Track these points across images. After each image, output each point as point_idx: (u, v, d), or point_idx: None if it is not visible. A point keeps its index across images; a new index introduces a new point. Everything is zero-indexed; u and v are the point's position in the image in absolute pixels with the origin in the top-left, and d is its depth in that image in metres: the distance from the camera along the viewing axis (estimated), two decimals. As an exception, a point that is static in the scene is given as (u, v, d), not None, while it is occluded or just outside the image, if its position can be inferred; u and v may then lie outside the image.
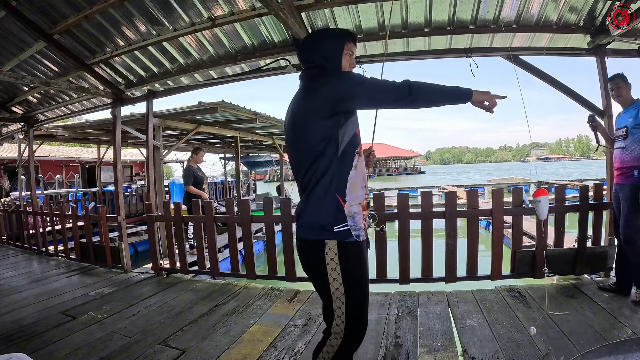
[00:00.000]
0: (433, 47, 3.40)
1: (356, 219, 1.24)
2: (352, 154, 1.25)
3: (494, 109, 1.29)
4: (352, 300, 1.24)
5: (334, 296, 1.25)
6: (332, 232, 1.22)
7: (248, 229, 3.38)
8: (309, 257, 1.30)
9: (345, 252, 1.23)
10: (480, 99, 1.26)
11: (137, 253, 7.43)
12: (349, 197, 1.23)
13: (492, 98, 1.27)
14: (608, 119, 3.08)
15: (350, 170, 1.24)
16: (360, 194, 1.25)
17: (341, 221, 1.22)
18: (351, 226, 1.23)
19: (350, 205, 1.23)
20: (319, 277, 1.27)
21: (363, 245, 1.29)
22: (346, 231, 1.22)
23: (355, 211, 1.24)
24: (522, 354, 1.90)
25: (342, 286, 1.23)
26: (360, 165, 1.26)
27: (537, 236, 3.01)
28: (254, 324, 2.50)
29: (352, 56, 1.37)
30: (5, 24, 3.29)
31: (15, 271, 4.25)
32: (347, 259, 1.23)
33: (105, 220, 4.20)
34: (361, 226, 1.25)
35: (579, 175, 23.07)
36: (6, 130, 6.80)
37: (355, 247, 1.25)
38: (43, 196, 9.50)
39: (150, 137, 4.47)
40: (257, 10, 2.93)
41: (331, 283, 1.24)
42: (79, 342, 2.30)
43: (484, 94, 1.26)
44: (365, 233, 1.30)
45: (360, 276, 1.28)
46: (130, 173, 17.05)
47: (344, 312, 1.24)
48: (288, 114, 1.35)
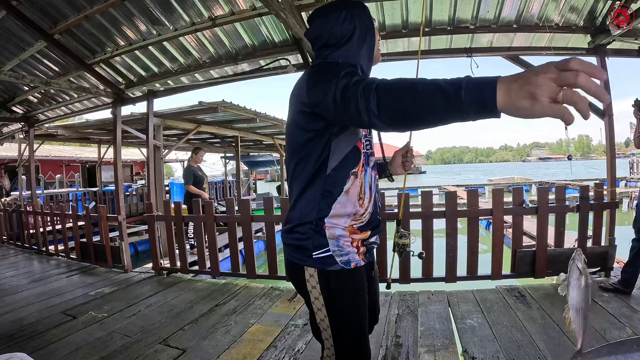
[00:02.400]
0: (433, 47, 3.40)
1: (340, 242, 0.98)
2: (345, 174, 0.98)
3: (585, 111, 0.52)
4: (340, 335, 1.01)
5: (321, 327, 1.04)
6: (311, 258, 0.98)
7: (248, 229, 3.38)
8: (292, 279, 1.09)
9: (327, 282, 0.99)
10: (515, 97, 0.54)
11: (137, 253, 7.43)
12: (329, 222, 0.98)
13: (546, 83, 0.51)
14: (608, 119, 3.08)
15: (338, 196, 0.98)
16: (344, 221, 0.99)
17: (321, 245, 0.97)
18: (334, 251, 0.97)
19: (333, 228, 0.98)
20: (306, 300, 1.06)
21: (355, 274, 1.01)
22: (328, 257, 0.97)
23: (340, 234, 0.98)
24: (522, 354, 1.90)
25: (327, 319, 1.01)
26: (353, 189, 0.99)
27: (537, 236, 3.00)
28: (254, 323, 2.50)
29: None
30: (6, 24, 3.29)
31: (16, 271, 4.25)
32: (332, 292, 0.99)
33: (105, 220, 4.20)
34: (349, 250, 0.99)
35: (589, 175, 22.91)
36: (6, 130, 6.80)
37: (342, 277, 0.99)
38: (43, 196, 9.51)
39: (151, 137, 4.47)
40: (257, 10, 2.93)
41: (316, 313, 1.03)
42: (80, 342, 2.30)
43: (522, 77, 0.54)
44: (365, 258, 1.04)
45: (349, 312, 1.01)
46: (131, 173, 17.06)
47: (332, 345, 1.03)
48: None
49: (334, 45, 1.02)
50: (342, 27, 1.01)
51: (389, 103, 0.70)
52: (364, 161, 1.02)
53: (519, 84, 0.54)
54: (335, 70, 0.85)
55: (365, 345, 1.05)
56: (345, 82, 0.79)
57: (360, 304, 1.03)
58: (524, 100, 0.53)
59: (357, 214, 1.01)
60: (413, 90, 0.66)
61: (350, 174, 0.99)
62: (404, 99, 0.67)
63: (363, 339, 1.04)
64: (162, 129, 5.74)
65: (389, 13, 2.98)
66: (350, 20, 1.01)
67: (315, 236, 0.98)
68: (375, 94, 0.71)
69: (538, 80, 0.52)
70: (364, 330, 1.05)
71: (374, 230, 1.08)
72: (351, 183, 0.99)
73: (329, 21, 1.02)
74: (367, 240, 1.06)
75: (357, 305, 1.03)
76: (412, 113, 0.68)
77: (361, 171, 1.02)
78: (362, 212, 1.02)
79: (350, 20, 1.01)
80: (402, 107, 0.68)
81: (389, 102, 0.70)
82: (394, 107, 0.70)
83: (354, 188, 1.00)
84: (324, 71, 0.91)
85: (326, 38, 1.03)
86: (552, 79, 0.51)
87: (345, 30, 1.01)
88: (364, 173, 1.03)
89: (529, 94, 0.53)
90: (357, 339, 1.03)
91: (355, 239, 1.02)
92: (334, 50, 1.02)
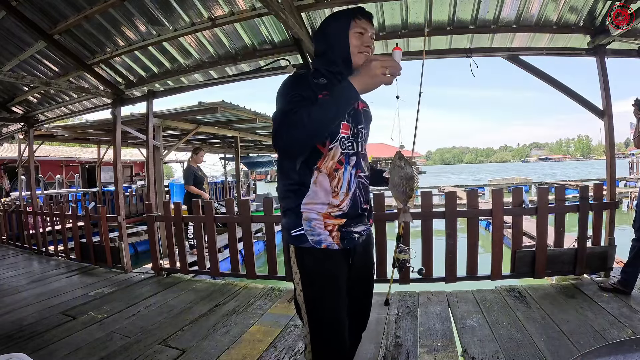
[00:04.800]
0: (433, 47, 3.40)
1: (312, 223, 1.12)
2: (309, 170, 1.12)
3: (395, 72, 0.95)
4: (313, 312, 1.14)
5: (299, 301, 1.18)
6: (290, 236, 1.15)
7: (248, 229, 3.38)
8: (286, 258, 1.25)
9: (302, 258, 1.14)
10: (369, 82, 0.95)
11: (137, 253, 7.44)
12: (305, 208, 1.13)
13: (379, 68, 0.93)
14: (608, 119, 3.08)
15: (308, 187, 1.13)
16: (320, 207, 1.12)
17: (296, 225, 1.13)
18: (306, 231, 1.12)
19: (308, 212, 1.13)
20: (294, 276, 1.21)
21: (326, 255, 1.13)
22: (301, 236, 1.12)
23: (313, 217, 1.12)
24: (522, 354, 1.89)
25: (302, 294, 1.15)
26: (320, 182, 1.12)
27: (537, 236, 3.00)
28: (254, 324, 2.50)
29: (366, 34, 1.17)
30: (5, 24, 3.29)
31: (15, 271, 4.25)
32: (305, 267, 1.14)
33: (105, 220, 4.20)
34: (321, 232, 1.12)
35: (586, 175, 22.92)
36: (6, 130, 6.80)
37: (312, 254, 1.13)
38: (43, 196, 9.50)
39: (150, 137, 4.47)
40: (257, 10, 2.93)
41: (295, 287, 1.18)
42: (79, 342, 2.30)
43: (365, 74, 0.95)
44: (340, 243, 1.14)
45: (321, 289, 1.14)
46: (130, 173, 17.04)
47: (307, 321, 1.16)
48: None
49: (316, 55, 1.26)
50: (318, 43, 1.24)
51: (288, 140, 1.01)
52: (342, 159, 1.14)
53: (363, 74, 0.95)
54: (285, 93, 1.09)
55: (338, 330, 1.13)
56: (278, 111, 1.07)
57: (330, 283, 1.14)
58: (371, 80, 0.95)
59: (331, 204, 1.13)
60: (301, 122, 0.96)
61: (313, 169, 1.12)
62: (297, 132, 0.98)
63: (335, 324, 1.13)
64: (161, 129, 5.74)
65: (388, 13, 2.98)
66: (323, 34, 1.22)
67: (294, 218, 1.14)
68: (277, 138, 1.03)
69: (375, 70, 0.93)
70: (337, 315, 1.14)
71: (352, 219, 1.17)
72: (316, 176, 1.12)
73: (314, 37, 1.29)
74: (345, 228, 1.15)
75: (327, 284, 1.13)
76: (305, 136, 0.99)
77: (330, 167, 1.13)
78: (336, 203, 1.14)
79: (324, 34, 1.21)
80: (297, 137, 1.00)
81: (287, 139, 1.01)
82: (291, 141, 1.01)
83: (320, 180, 1.12)
84: (280, 90, 1.12)
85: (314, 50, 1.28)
86: (379, 65, 0.93)
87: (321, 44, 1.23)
88: (343, 171, 1.15)
89: (372, 76, 0.94)
90: (329, 321, 1.13)
91: (329, 224, 1.13)
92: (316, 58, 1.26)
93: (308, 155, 1.11)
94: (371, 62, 0.94)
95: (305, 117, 0.96)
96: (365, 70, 0.95)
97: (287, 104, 1.05)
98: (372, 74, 0.93)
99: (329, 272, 1.14)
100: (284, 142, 1.01)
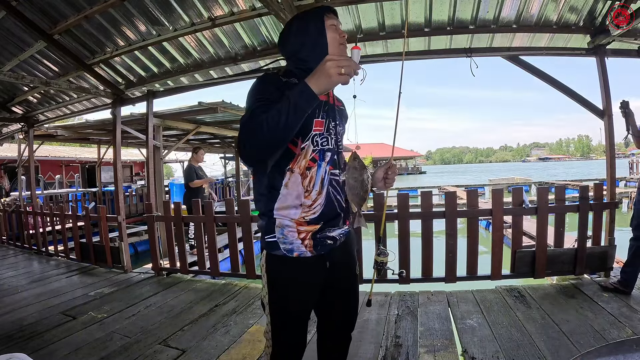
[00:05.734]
0: (433, 47, 3.40)
1: (284, 231, 1.09)
2: (280, 170, 1.09)
3: (351, 72, 0.90)
4: (274, 315, 1.15)
5: (264, 302, 1.18)
6: (264, 240, 1.13)
7: (248, 229, 3.38)
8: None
9: (271, 264, 1.13)
10: (324, 82, 0.91)
11: (137, 253, 7.43)
12: (277, 214, 1.10)
13: (334, 67, 0.89)
14: (608, 119, 3.08)
15: (279, 190, 1.09)
16: (293, 212, 1.09)
17: (269, 231, 1.11)
18: (279, 238, 1.09)
19: (281, 219, 1.10)
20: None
21: (298, 264, 1.11)
22: (273, 243, 1.10)
23: (286, 224, 1.09)
24: (522, 354, 1.90)
25: (267, 297, 1.16)
26: (292, 183, 1.08)
27: (536, 236, 3.00)
28: (254, 324, 2.50)
29: (339, 27, 1.17)
30: (5, 24, 3.29)
31: (15, 271, 4.25)
32: (272, 274, 1.13)
33: (105, 220, 4.20)
34: (293, 241, 1.09)
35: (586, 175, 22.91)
36: (6, 130, 6.80)
37: (283, 263, 1.11)
38: (43, 196, 9.50)
39: (150, 137, 4.47)
40: (257, 10, 2.93)
41: (262, 288, 1.18)
42: (79, 342, 2.30)
43: (321, 75, 0.90)
44: (313, 250, 1.11)
45: (284, 298, 1.14)
46: (130, 173, 17.05)
47: (269, 322, 1.16)
48: None
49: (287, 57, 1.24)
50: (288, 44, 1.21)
51: (250, 147, 0.96)
52: (316, 157, 1.11)
53: (318, 75, 0.90)
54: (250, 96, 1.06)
55: (297, 333, 1.17)
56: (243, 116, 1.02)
57: (295, 294, 1.13)
58: (326, 80, 0.89)
59: (303, 205, 1.09)
60: (260, 128, 0.92)
61: (285, 170, 1.08)
62: (257, 139, 0.94)
63: (295, 326, 1.16)
64: (161, 129, 5.75)
65: (388, 13, 2.98)
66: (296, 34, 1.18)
67: (267, 222, 1.12)
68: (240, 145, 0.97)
69: (330, 70, 0.88)
70: (298, 320, 1.16)
71: (327, 223, 1.12)
72: (288, 178, 1.08)
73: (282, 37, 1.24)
74: (320, 234, 1.12)
75: (293, 294, 1.13)
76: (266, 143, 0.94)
77: (300, 165, 1.09)
78: (309, 203, 1.09)
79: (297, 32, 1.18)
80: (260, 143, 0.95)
81: (248, 147, 0.96)
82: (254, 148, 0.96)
83: (292, 182, 1.08)
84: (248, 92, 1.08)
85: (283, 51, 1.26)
86: (334, 65, 0.88)
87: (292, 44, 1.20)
88: (317, 168, 1.11)
89: (327, 76, 0.89)
90: (292, 326, 1.15)
91: (302, 231, 1.10)
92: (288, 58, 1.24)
93: (279, 157, 1.07)
94: (326, 62, 0.90)
95: (265, 123, 0.91)
96: (320, 70, 0.90)
97: (251, 108, 1.01)
98: (327, 74, 0.89)
99: (297, 281, 1.13)
100: (247, 149, 0.96)
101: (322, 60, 0.91)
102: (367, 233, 2.24)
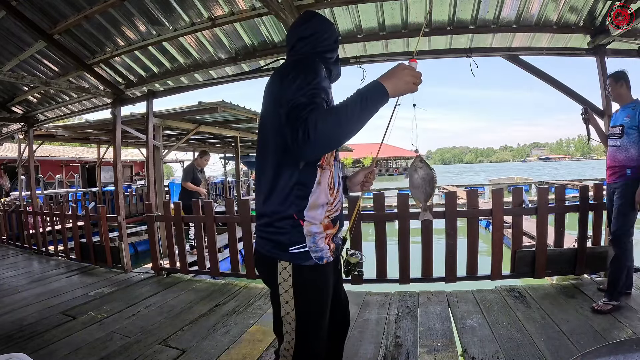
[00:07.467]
0: (433, 47, 3.40)
1: (316, 239, 1.05)
2: (314, 167, 1.05)
3: (419, 84, 0.96)
4: (302, 330, 1.08)
5: (284, 320, 1.09)
6: (287, 252, 1.04)
7: (248, 229, 3.38)
8: (262, 272, 1.15)
9: (300, 276, 1.05)
10: (402, 89, 0.95)
11: (137, 253, 7.42)
12: (307, 216, 1.04)
13: (415, 79, 0.94)
14: (608, 119, 3.08)
15: (312, 187, 1.04)
16: (320, 213, 1.06)
17: (298, 242, 1.04)
18: (310, 247, 1.04)
19: (310, 224, 1.04)
20: (273, 293, 1.12)
21: (325, 270, 1.09)
22: (303, 253, 1.04)
23: (316, 231, 1.05)
24: (522, 354, 1.90)
25: (294, 312, 1.07)
26: (323, 179, 1.06)
27: (536, 236, 3.00)
28: (254, 323, 2.50)
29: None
30: (5, 24, 3.29)
31: (15, 271, 4.25)
32: (303, 286, 1.05)
33: (105, 220, 4.20)
34: (323, 247, 1.07)
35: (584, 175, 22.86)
36: (6, 130, 6.81)
37: (314, 271, 1.06)
38: (43, 196, 9.50)
39: (150, 137, 4.47)
40: (257, 10, 2.94)
41: (282, 305, 1.08)
42: (79, 342, 2.30)
43: (399, 81, 0.94)
44: (333, 254, 1.11)
45: (316, 306, 1.09)
46: (130, 173, 17.06)
47: (294, 338, 1.08)
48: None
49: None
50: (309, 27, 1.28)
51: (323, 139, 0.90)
52: (327, 157, 1.09)
53: (396, 81, 0.93)
54: (309, 81, 0.97)
55: (323, 341, 1.13)
56: (302, 104, 0.93)
57: (325, 297, 1.12)
58: (404, 87, 0.94)
59: (328, 203, 1.09)
60: (337, 121, 0.89)
61: (317, 167, 1.06)
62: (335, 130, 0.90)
63: (322, 334, 1.12)
64: (161, 129, 5.75)
65: (388, 13, 2.98)
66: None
67: (292, 232, 1.04)
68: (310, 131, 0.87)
69: (408, 77, 0.94)
70: (324, 326, 1.12)
71: (340, 224, 1.16)
72: (320, 174, 1.06)
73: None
74: (336, 236, 1.13)
75: (324, 298, 1.11)
76: (342, 133, 0.91)
77: (330, 162, 1.09)
78: (332, 200, 1.10)
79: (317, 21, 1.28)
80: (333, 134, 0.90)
81: (321, 138, 0.89)
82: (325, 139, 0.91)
83: (323, 179, 1.07)
84: (299, 74, 0.99)
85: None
86: (417, 77, 0.95)
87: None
88: (335, 163, 1.12)
89: (405, 83, 0.94)
90: (318, 331, 1.10)
91: (328, 235, 1.09)
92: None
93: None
94: (404, 69, 0.94)
95: (343, 115, 0.88)
96: (399, 75, 0.93)
97: (314, 94, 0.95)
98: (406, 80, 0.93)
99: (324, 285, 1.10)
100: (318, 141, 0.88)
101: (397, 66, 0.95)
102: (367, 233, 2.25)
